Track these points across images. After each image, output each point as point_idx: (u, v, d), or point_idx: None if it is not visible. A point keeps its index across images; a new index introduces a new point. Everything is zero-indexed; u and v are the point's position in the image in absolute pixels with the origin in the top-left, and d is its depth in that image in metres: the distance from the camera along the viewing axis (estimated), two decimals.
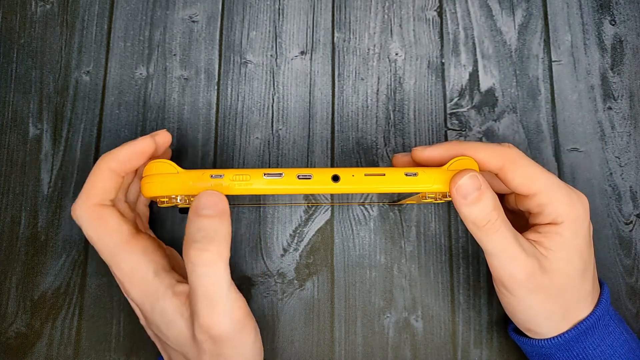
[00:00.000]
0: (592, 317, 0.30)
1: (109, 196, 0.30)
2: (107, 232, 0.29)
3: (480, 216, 0.28)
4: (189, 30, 0.39)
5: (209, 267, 0.26)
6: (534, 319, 0.30)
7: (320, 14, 0.40)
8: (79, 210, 0.29)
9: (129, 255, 0.29)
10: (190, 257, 0.26)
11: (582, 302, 0.30)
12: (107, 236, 0.29)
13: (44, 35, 0.39)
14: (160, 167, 0.29)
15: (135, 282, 0.29)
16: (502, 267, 0.29)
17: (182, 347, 0.29)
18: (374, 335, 0.35)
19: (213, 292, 0.26)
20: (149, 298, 0.29)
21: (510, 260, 0.28)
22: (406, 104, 0.39)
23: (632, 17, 0.40)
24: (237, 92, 0.39)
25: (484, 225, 0.28)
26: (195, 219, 0.27)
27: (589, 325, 0.30)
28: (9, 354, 0.35)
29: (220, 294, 0.27)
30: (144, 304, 0.29)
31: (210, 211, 0.27)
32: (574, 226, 0.29)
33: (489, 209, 0.28)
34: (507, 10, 0.40)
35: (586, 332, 0.30)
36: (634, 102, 0.39)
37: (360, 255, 0.36)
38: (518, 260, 0.28)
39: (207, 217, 0.27)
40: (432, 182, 0.29)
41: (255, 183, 0.29)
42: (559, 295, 0.29)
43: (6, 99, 0.38)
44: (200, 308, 0.27)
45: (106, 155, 0.30)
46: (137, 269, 0.29)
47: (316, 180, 0.29)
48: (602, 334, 0.30)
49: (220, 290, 0.27)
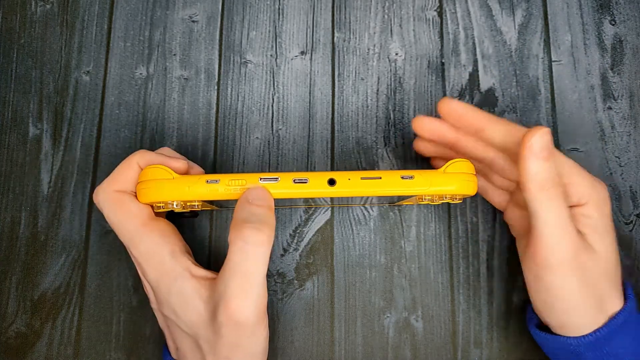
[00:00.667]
0: (625, 311, 0.29)
1: (130, 187, 0.30)
2: (127, 216, 0.30)
3: (548, 175, 0.27)
4: (189, 30, 0.39)
5: (260, 247, 0.27)
6: (572, 308, 0.29)
7: (320, 14, 0.40)
8: (102, 194, 0.30)
9: (147, 237, 0.30)
10: (243, 235, 0.27)
11: (614, 291, 0.30)
12: (127, 220, 0.30)
13: (44, 35, 0.39)
14: (156, 173, 0.29)
15: (153, 263, 0.29)
16: (553, 239, 0.28)
17: (197, 329, 0.29)
18: (374, 335, 0.35)
19: (252, 274, 0.27)
20: (165, 279, 0.29)
21: (563, 233, 0.28)
22: (406, 104, 0.39)
23: (632, 17, 0.40)
24: (237, 92, 0.39)
25: (549, 188, 0.27)
26: (248, 206, 0.28)
27: (623, 320, 0.29)
28: (9, 354, 0.35)
29: (257, 278, 0.27)
30: (159, 285, 0.29)
31: (262, 202, 0.28)
32: (599, 207, 0.29)
33: (556, 172, 0.28)
34: (507, 10, 0.40)
35: (620, 327, 0.29)
36: (634, 102, 0.39)
37: (360, 255, 0.36)
38: (568, 232, 0.28)
39: (259, 206, 0.28)
40: (429, 184, 0.29)
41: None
42: (597, 280, 0.29)
43: (6, 99, 0.38)
44: (232, 289, 0.27)
45: (141, 153, 0.31)
46: (155, 250, 0.30)
47: (312, 184, 0.29)
48: (632, 331, 0.30)
49: (259, 275, 0.27)
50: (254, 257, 0.27)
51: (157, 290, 0.30)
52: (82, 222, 0.36)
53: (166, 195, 0.29)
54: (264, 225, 0.27)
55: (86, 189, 0.37)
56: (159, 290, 0.30)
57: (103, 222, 0.36)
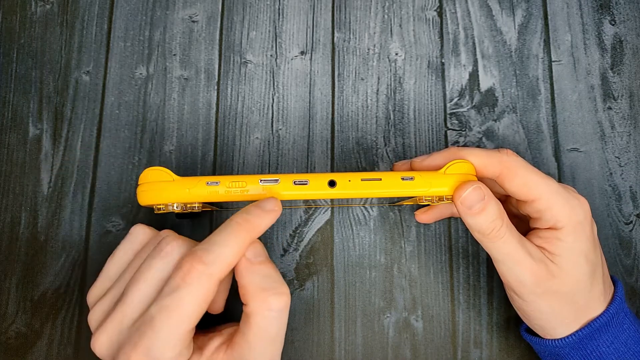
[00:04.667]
0: (605, 315, 0.30)
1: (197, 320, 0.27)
2: None
3: (485, 225, 0.28)
4: (189, 30, 0.39)
5: (285, 309, 0.27)
6: (546, 321, 0.30)
7: (320, 14, 0.40)
8: (175, 340, 0.25)
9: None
10: (269, 305, 0.26)
11: (594, 302, 0.30)
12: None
13: (44, 35, 0.39)
14: (155, 175, 0.29)
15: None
16: (510, 272, 0.29)
17: None
18: (374, 335, 0.35)
19: (278, 334, 0.27)
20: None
21: (517, 265, 0.29)
22: (406, 104, 0.39)
23: (632, 17, 0.40)
24: (237, 92, 0.39)
25: (489, 233, 0.28)
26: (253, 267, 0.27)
27: (601, 324, 0.30)
28: (9, 354, 0.35)
29: (282, 335, 0.28)
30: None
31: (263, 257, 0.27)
32: (574, 231, 0.29)
33: (493, 217, 0.28)
34: (507, 10, 0.40)
35: (599, 330, 0.30)
36: (634, 102, 0.39)
37: (360, 255, 0.36)
38: (525, 265, 0.29)
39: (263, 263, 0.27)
40: (429, 186, 0.29)
41: (252, 190, 0.29)
42: (569, 299, 0.29)
43: (6, 99, 0.38)
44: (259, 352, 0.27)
45: (208, 264, 0.26)
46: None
47: (312, 185, 0.29)
48: (616, 332, 0.30)
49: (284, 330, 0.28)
50: (279, 320, 0.27)
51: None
52: (82, 222, 0.36)
53: (167, 197, 0.29)
54: (282, 287, 0.27)
55: (86, 189, 0.37)
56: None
57: (103, 222, 0.36)
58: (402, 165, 0.34)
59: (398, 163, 0.35)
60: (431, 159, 0.31)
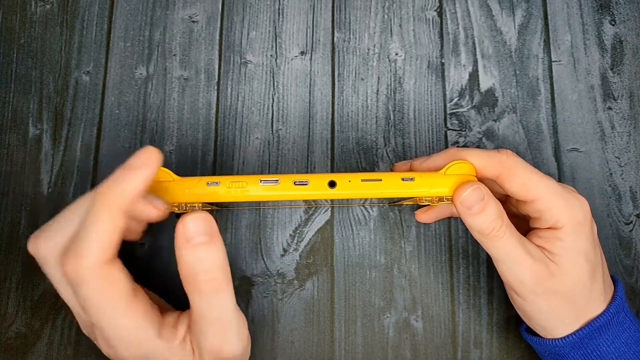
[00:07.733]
0: (605, 315, 0.30)
1: (116, 250, 0.26)
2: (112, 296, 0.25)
3: (484, 225, 0.28)
4: (189, 30, 0.39)
5: (221, 293, 0.26)
6: (546, 321, 0.30)
7: (320, 14, 0.40)
8: (84, 269, 0.24)
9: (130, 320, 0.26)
10: (200, 289, 0.26)
11: (594, 302, 0.30)
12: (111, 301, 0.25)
13: (44, 35, 0.39)
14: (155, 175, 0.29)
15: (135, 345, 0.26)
16: (510, 272, 0.29)
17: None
18: (374, 335, 0.35)
19: (224, 316, 0.27)
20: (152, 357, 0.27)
21: (517, 264, 0.29)
22: (406, 104, 0.39)
23: (632, 17, 0.40)
24: (237, 92, 0.39)
25: (489, 233, 0.28)
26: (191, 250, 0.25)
27: (602, 323, 0.30)
28: (9, 354, 0.35)
29: (230, 317, 0.27)
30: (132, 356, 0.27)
31: (202, 238, 0.25)
32: (574, 231, 0.29)
33: (493, 218, 0.28)
34: (507, 10, 0.40)
35: (599, 330, 0.30)
36: (634, 102, 0.39)
37: (360, 255, 0.36)
38: (525, 264, 0.29)
39: (202, 244, 0.25)
40: (429, 186, 0.29)
41: (252, 190, 0.29)
42: (569, 298, 0.29)
43: (6, 99, 0.38)
44: (211, 335, 0.27)
45: (111, 193, 0.25)
46: (138, 333, 0.26)
47: (312, 186, 0.29)
48: (616, 331, 0.30)
49: (231, 313, 0.27)
50: (218, 304, 0.26)
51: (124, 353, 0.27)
52: None
53: (167, 197, 0.29)
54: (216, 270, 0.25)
55: (86, 189, 0.37)
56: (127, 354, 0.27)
57: None
58: (402, 166, 0.34)
59: (398, 163, 0.35)
60: (431, 160, 0.31)
